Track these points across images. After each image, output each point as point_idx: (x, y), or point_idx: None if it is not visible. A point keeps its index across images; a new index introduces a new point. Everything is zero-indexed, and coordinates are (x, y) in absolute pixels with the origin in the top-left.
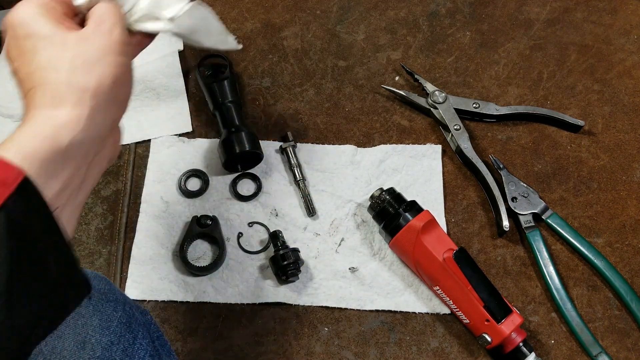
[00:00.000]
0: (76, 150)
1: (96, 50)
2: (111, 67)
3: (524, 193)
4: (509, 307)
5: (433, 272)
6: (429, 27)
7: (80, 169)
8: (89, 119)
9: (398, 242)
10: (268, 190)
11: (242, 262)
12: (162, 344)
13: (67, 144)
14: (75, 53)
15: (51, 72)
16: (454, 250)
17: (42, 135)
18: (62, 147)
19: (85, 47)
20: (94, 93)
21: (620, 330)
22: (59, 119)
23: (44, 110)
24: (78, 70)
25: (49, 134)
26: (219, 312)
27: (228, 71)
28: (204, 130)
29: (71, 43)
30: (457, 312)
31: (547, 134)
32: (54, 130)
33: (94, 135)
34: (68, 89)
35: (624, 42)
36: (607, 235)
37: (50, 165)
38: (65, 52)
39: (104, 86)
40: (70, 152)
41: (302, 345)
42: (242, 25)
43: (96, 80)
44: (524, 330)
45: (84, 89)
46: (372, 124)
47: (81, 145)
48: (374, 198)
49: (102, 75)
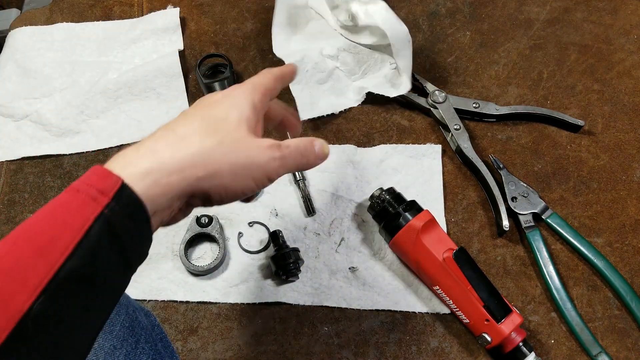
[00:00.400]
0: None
1: (246, 158)
2: (238, 179)
3: (524, 193)
4: (509, 306)
5: (433, 272)
6: (429, 27)
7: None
8: (180, 183)
9: (398, 242)
10: (268, 190)
11: (242, 262)
12: (165, 346)
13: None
14: (230, 141)
15: (198, 134)
16: (454, 250)
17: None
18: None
19: (243, 146)
20: (203, 176)
21: (620, 330)
22: (156, 160)
23: (176, 154)
24: (218, 150)
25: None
26: (219, 312)
27: (228, 71)
28: None
29: (239, 134)
30: (457, 312)
31: (547, 133)
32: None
33: (169, 200)
34: (189, 155)
35: (624, 42)
36: (607, 235)
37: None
38: (227, 132)
39: (215, 180)
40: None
41: (302, 345)
42: (242, 25)
43: (216, 169)
44: (523, 330)
45: (201, 163)
46: (372, 123)
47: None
48: (374, 198)
49: (224, 175)
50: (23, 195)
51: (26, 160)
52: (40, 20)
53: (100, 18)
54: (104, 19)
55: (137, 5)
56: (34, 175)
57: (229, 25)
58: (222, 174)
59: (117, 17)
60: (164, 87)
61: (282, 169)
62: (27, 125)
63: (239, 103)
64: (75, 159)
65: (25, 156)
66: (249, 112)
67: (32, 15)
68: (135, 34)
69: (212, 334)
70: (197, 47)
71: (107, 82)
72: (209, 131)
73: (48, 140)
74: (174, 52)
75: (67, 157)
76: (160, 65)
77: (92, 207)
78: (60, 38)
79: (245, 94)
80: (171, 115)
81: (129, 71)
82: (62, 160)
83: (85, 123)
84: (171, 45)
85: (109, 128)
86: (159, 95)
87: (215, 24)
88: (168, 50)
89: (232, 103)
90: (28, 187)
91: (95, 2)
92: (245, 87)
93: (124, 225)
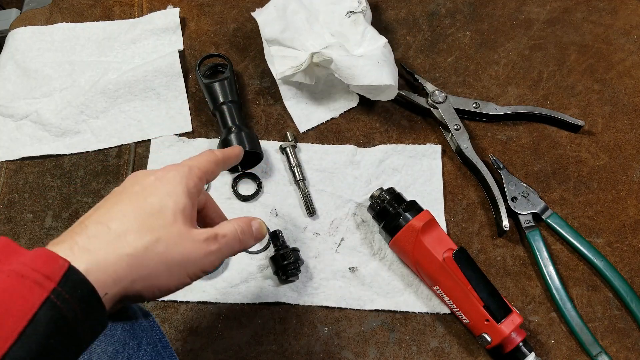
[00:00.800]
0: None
1: (181, 257)
2: (173, 278)
3: (524, 193)
4: (509, 306)
5: (433, 272)
6: (429, 27)
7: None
8: (112, 288)
9: (398, 242)
10: (268, 190)
11: (242, 262)
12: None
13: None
14: (166, 239)
15: (132, 232)
16: (454, 250)
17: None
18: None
19: (179, 245)
20: (136, 278)
21: (620, 330)
22: (87, 266)
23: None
24: (150, 253)
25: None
26: (219, 312)
27: (228, 71)
28: (203, 130)
29: (176, 230)
30: (457, 312)
31: (547, 133)
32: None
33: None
34: (125, 257)
35: (624, 42)
36: (607, 235)
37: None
38: (163, 230)
39: (148, 282)
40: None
41: (302, 345)
42: (242, 25)
43: (149, 272)
44: (523, 330)
45: (135, 268)
46: (372, 123)
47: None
48: (374, 198)
49: (159, 275)
50: (23, 195)
51: (26, 160)
52: (40, 20)
53: (100, 18)
54: (104, 19)
55: (137, 5)
56: (34, 176)
57: (229, 25)
58: (158, 274)
59: (117, 17)
60: (163, 87)
61: (217, 260)
62: (27, 125)
63: (174, 191)
64: (75, 159)
65: (25, 156)
66: (185, 201)
67: (31, 15)
68: (135, 34)
69: (212, 334)
70: (197, 47)
71: (107, 82)
72: (144, 228)
73: (48, 140)
74: (173, 52)
75: (67, 157)
76: (160, 65)
77: (37, 293)
78: (60, 38)
79: (181, 179)
80: (171, 115)
81: (128, 71)
82: (62, 160)
83: (85, 123)
84: (171, 45)
85: (109, 128)
86: (158, 96)
87: (215, 24)
88: (168, 50)
89: (167, 191)
90: (28, 187)
91: (95, 2)
92: (182, 170)
93: (73, 310)
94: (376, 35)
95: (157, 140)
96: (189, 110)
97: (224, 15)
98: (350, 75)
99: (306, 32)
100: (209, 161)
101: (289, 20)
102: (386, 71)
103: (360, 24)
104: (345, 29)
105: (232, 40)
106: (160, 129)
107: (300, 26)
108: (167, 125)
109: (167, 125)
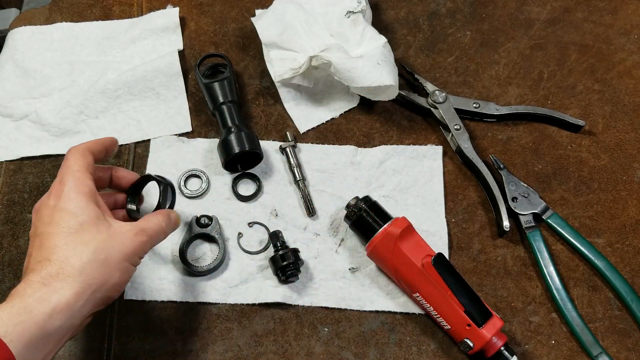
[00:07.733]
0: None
1: (121, 254)
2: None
3: (525, 193)
4: (489, 310)
5: (412, 278)
6: (429, 27)
7: (59, 344)
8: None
9: (376, 250)
10: (268, 190)
11: (242, 262)
12: None
13: (54, 329)
14: (101, 246)
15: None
16: (432, 255)
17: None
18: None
19: (114, 245)
20: (96, 289)
21: (620, 330)
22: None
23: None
24: (95, 264)
25: (40, 319)
26: (219, 312)
27: (228, 71)
28: (203, 130)
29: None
30: (438, 319)
31: (548, 133)
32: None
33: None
34: (78, 277)
35: (624, 41)
36: (608, 235)
37: (33, 346)
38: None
39: (108, 285)
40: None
41: (302, 345)
42: (242, 25)
43: (105, 279)
44: (504, 334)
45: (91, 283)
46: (372, 123)
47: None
48: (350, 207)
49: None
50: (23, 195)
51: (25, 160)
52: (39, 20)
53: (99, 18)
54: (103, 18)
55: (136, 4)
56: (34, 176)
57: (229, 25)
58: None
59: (117, 16)
60: (163, 87)
61: (148, 248)
62: (26, 125)
63: (76, 200)
64: None
65: (24, 156)
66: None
67: (31, 15)
68: (135, 33)
69: (212, 334)
70: (196, 47)
71: (106, 82)
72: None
73: (47, 140)
74: (173, 52)
75: None
76: (159, 65)
77: None
78: (60, 38)
79: (75, 185)
80: (171, 115)
81: (128, 71)
82: (62, 160)
83: (85, 123)
84: (171, 45)
85: (108, 128)
86: (158, 95)
87: (215, 23)
88: (167, 50)
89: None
90: (27, 187)
91: (95, 2)
92: (73, 176)
93: None
94: (376, 35)
95: (156, 140)
96: (189, 110)
97: (224, 15)
98: (350, 77)
99: (305, 33)
100: (97, 143)
101: (287, 23)
102: (386, 71)
103: (360, 24)
104: (345, 29)
105: (232, 40)
106: (160, 129)
107: (299, 28)
108: (166, 125)
109: (166, 125)
